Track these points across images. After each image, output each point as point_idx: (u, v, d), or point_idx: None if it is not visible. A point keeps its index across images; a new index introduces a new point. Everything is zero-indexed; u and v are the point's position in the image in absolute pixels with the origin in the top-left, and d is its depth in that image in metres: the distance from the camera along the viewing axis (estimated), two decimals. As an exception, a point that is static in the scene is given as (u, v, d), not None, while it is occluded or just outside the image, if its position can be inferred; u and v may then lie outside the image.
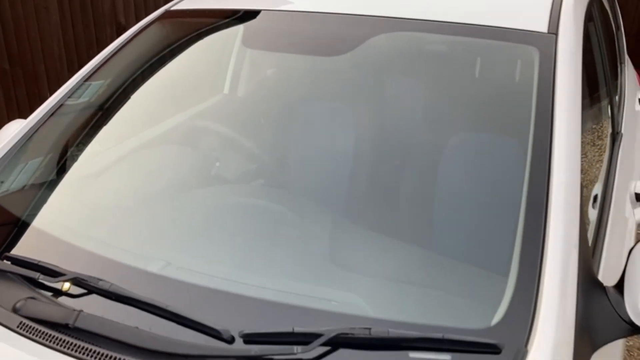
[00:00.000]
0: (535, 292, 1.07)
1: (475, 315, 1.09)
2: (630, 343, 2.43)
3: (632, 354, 2.43)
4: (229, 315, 1.09)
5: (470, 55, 1.65)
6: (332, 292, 1.17)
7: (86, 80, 1.80)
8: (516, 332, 1.02)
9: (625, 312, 1.15)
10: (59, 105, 1.74)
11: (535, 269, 1.09)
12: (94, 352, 1.04)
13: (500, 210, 1.27)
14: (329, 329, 1.02)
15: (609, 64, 2.30)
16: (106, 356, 1.03)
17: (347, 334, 1.01)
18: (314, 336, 1.01)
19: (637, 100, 2.72)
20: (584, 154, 1.61)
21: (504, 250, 1.16)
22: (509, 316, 1.05)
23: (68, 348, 1.05)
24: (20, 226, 1.42)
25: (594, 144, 1.84)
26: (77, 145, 1.73)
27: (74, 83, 1.78)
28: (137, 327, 1.07)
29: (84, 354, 1.04)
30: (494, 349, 1.00)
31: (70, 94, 1.76)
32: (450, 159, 1.43)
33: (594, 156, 1.79)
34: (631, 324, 1.15)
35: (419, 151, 1.53)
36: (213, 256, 1.28)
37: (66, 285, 1.17)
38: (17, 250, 1.33)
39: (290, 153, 1.66)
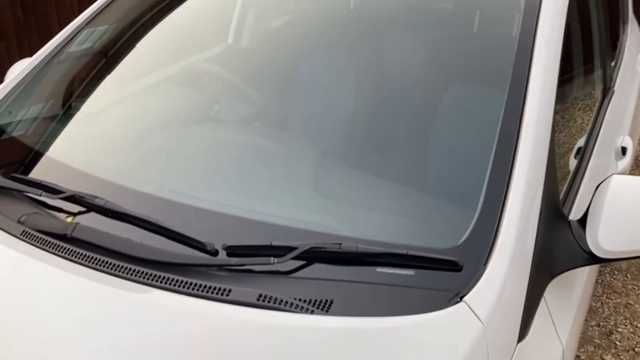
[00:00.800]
0: (497, 218, 1.14)
1: (440, 237, 1.17)
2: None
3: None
4: (214, 232, 1.19)
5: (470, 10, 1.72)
6: (310, 215, 1.26)
7: (89, 24, 1.87)
8: (476, 253, 1.10)
9: (586, 243, 1.23)
10: (64, 45, 1.81)
11: (500, 198, 1.17)
12: (89, 257, 1.14)
13: (475, 147, 1.34)
14: (303, 243, 1.10)
15: (609, 22, 2.33)
16: (99, 261, 1.13)
17: (319, 247, 1.10)
18: (290, 249, 1.10)
19: (638, 60, 2.75)
20: (566, 107, 1.67)
21: (474, 182, 1.24)
22: (472, 239, 1.12)
23: (65, 253, 1.15)
24: (26, 151, 1.52)
25: (580, 99, 1.89)
26: (81, 85, 1.81)
27: (79, 24, 1.85)
28: (128, 239, 1.16)
29: (79, 258, 1.14)
30: (454, 266, 1.08)
31: (74, 36, 1.83)
32: (434, 104, 1.50)
33: (579, 111, 1.85)
34: (590, 254, 1.22)
35: (408, 97, 1.59)
36: (202, 180, 1.37)
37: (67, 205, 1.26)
38: (23, 172, 1.43)
39: (287, 99, 1.73)
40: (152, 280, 1.08)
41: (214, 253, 1.14)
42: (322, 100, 1.65)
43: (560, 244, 1.23)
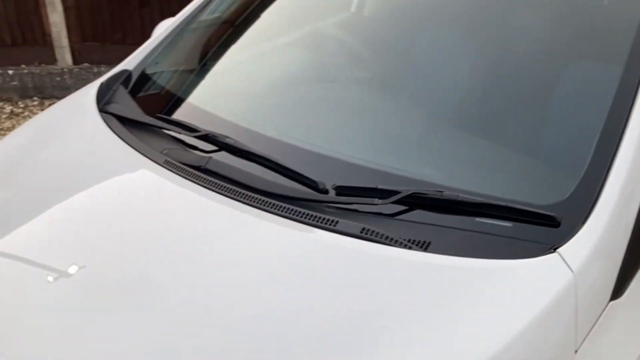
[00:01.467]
0: (601, 181, 1.16)
1: (541, 194, 1.21)
2: None
3: None
4: (327, 173, 1.31)
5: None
6: (415, 165, 1.35)
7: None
8: (576, 211, 1.13)
9: None
10: (202, 7, 2.01)
11: (606, 163, 1.18)
12: (218, 184, 1.30)
13: (587, 113, 1.35)
14: (407, 188, 1.19)
15: None
16: (226, 189, 1.29)
17: (421, 193, 1.19)
18: (394, 193, 1.20)
19: None
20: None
21: (581, 146, 1.26)
22: (573, 198, 1.16)
23: (199, 180, 1.33)
24: (170, 96, 1.74)
25: None
26: (216, 43, 2.00)
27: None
28: (252, 173, 1.32)
29: (210, 185, 1.31)
30: (552, 222, 1.12)
31: (210, 1, 2.02)
32: (548, 71, 1.50)
33: None
34: None
35: (523, 64, 1.61)
36: (319, 129, 1.50)
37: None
38: (166, 113, 1.63)
39: (404, 64, 1.80)
40: (270, 207, 1.23)
41: (325, 191, 1.26)
42: (437, 67, 1.71)
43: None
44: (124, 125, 1.56)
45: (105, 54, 4.27)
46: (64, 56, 4.29)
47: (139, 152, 1.45)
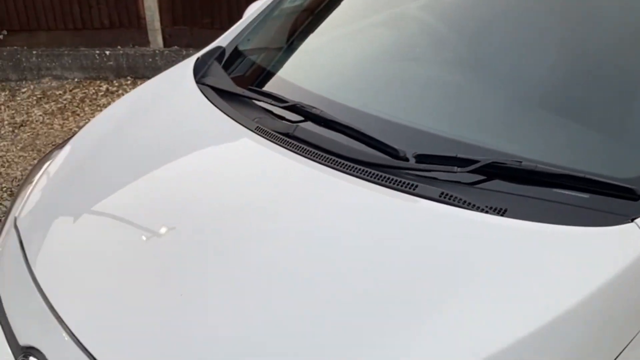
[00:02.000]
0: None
1: (620, 167, 1.22)
2: None
3: None
4: (407, 142, 1.37)
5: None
6: (494, 137, 1.39)
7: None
8: (656, 185, 1.14)
9: None
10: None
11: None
12: (305, 149, 1.40)
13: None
14: (486, 158, 1.24)
15: None
16: (312, 153, 1.38)
17: (500, 163, 1.23)
18: (473, 162, 1.25)
19: None
20: None
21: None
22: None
23: (287, 145, 1.43)
24: (260, 70, 1.85)
25: None
26: (303, 23, 2.10)
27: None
28: (336, 140, 1.40)
29: (297, 149, 1.41)
30: (631, 194, 1.14)
31: None
32: (634, 50, 1.49)
33: None
34: None
35: (607, 44, 1.60)
36: (400, 100, 1.57)
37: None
38: (256, 86, 1.75)
39: (486, 45, 1.82)
40: (353, 171, 1.31)
41: (405, 159, 1.33)
42: (519, 45, 1.72)
43: None
44: (219, 95, 1.69)
45: (194, 37, 4.49)
46: (156, 39, 4.55)
47: (232, 119, 1.57)
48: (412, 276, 1.10)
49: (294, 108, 1.55)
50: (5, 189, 3.38)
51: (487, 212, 1.17)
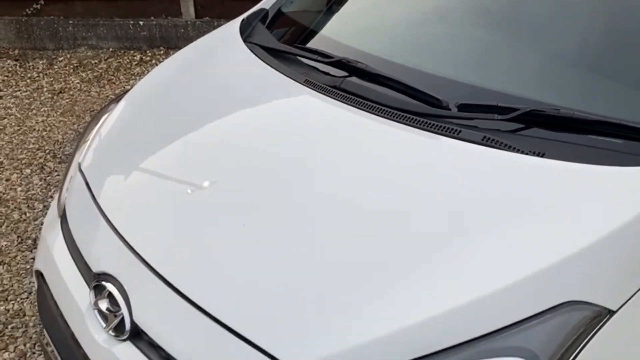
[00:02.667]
0: None
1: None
2: None
3: None
4: (450, 93, 1.46)
5: None
6: (533, 88, 1.47)
7: None
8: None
9: None
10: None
11: None
12: (352, 99, 1.50)
13: None
14: (526, 106, 1.33)
15: None
16: (359, 102, 1.48)
17: (539, 111, 1.32)
18: (513, 110, 1.33)
19: None
20: None
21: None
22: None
23: (335, 96, 1.53)
24: (302, 29, 1.95)
25: None
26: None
27: None
28: (382, 91, 1.50)
29: (344, 100, 1.50)
30: (663, 140, 1.22)
31: None
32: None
33: None
34: None
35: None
36: (441, 55, 1.66)
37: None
38: (302, 42, 1.85)
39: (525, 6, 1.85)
40: (399, 119, 1.41)
41: (448, 108, 1.42)
42: (556, 4, 1.77)
43: None
44: (267, 52, 1.79)
45: (225, 8, 4.57)
46: (189, 10, 4.64)
47: (282, 73, 1.67)
48: (459, 211, 1.20)
49: (339, 63, 1.64)
50: (48, 150, 3.53)
51: (527, 154, 1.26)
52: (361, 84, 1.55)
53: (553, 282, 1.06)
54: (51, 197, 3.15)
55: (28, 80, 4.46)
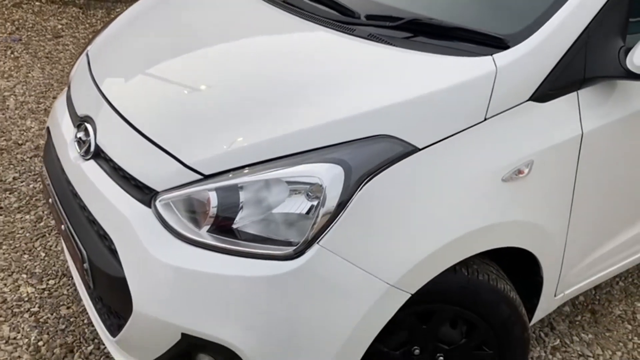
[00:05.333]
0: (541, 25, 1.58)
1: (502, 29, 1.64)
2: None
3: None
4: (362, 8, 1.85)
5: None
6: (428, 10, 1.85)
7: None
8: (518, 38, 1.57)
9: (624, 59, 1.58)
10: None
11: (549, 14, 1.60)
12: (291, 8, 1.92)
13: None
14: (410, 18, 1.71)
15: None
16: (293, 9, 1.90)
17: (418, 19, 1.69)
18: (400, 19, 1.72)
19: None
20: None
21: None
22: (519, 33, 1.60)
23: (279, 6, 1.96)
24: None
25: None
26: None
27: None
28: (316, 5, 1.91)
29: (286, 9, 1.93)
30: (494, 42, 1.57)
31: None
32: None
33: None
34: (625, 69, 1.58)
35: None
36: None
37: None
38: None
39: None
40: (321, 22, 1.82)
41: (359, 17, 1.81)
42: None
43: (604, 55, 1.60)
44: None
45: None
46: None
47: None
48: (326, 72, 1.62)
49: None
50: (91, 79, 4.12)
51: (389, 44, 1.65)
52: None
53: (377, 120, 1.46)
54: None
55: (87, 25, 5.11)
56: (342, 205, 1.40)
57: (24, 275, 2.49)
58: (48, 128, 2.16)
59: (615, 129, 1.73)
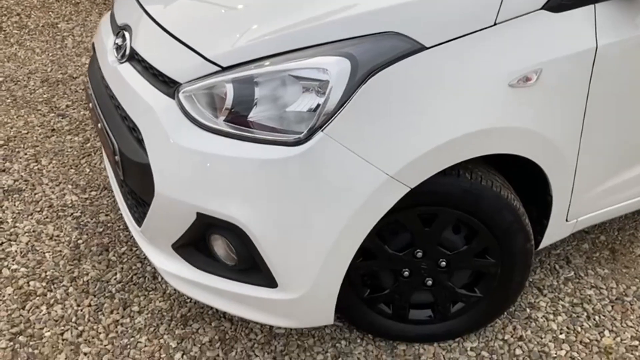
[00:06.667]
0: None
1: None
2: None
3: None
4: None
5: None
6: None
7: None
8: None
9: None
10: None
11: None
12: None
13: None
14: None
15: None
16: None
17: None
18: None
19: None
20: None
21: None
22: None
23: None
24: None
25: None
26: None
27: None
28: None
29: None
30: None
31: None
32: None
33: None
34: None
35: None
36: None
37: None
38: None
39: None
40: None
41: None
42: None
43: None
44: None
45: None
46: None
47: None
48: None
49: None
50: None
51: None
52: None
53: (387, 17, 1.52)
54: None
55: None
56: (346, 96, 1.48)
57: (70, 186, 2.70)
58: (93, 44, 2.32)
59: (633, 46, 1.72)
